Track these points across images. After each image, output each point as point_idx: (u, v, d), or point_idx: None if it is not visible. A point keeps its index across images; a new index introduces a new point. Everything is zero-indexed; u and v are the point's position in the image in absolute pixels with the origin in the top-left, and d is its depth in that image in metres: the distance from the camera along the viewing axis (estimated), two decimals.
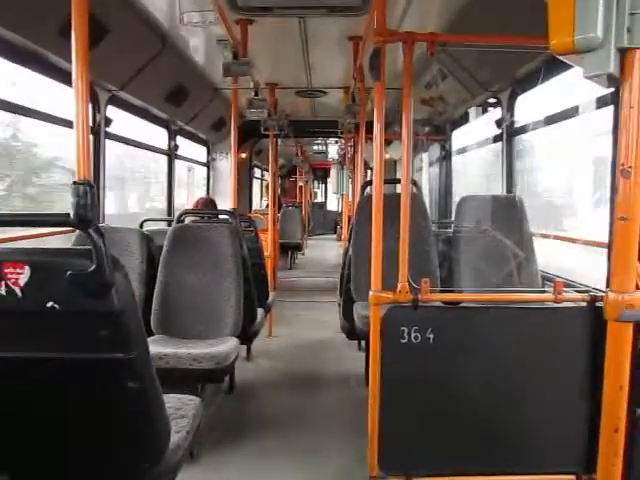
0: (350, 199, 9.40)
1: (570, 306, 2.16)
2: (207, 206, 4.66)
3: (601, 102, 2.69)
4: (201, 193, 7.35)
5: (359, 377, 4.06)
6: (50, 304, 1.31)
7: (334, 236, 16.96)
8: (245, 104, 4.73)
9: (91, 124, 3.87)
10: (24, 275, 1.31)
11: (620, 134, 1.36)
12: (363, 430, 2.35)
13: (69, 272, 1.30)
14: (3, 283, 1.31)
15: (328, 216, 19.56)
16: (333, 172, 10.93)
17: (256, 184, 11.84)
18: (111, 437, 1.53)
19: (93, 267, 1.30)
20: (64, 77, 3.26)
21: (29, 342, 1.38)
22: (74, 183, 1.34)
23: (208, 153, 7.44)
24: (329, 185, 18.29)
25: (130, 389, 1.40)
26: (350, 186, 9.34)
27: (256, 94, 4.76)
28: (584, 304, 2.11)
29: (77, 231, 3.22)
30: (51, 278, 1.31)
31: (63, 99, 3.46)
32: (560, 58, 1.22)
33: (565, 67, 2.91)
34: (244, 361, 4.40)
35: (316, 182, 21.17)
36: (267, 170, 12.25)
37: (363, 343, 4.44)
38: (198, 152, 7.32)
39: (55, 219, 1.40)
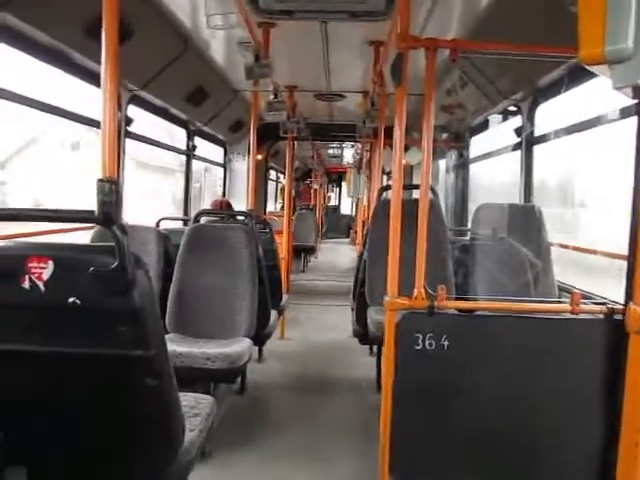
0: (365, 203, 9.39)
1: (587, 318, 2.14)
2: (223, 208, 4.68)
3: (625, 113, 2.67)
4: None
5: (370, 382, 4.05)
6: (72, 299, 1.33)
7: (347, 240, 16.95)
8: (264, 106, 4.75)
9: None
10: (48, 270, 1.33)
11: None
12: (373, 435, 2.35)
13: (92, 268, 1.31)
14: (27, 277, 1.33)
15: (341, 220, 19.56)
16: (349, 176, 10.93)
17: (271, 186, 11.88)
18: (127, 434, 1.55)
19: (116, 264, 1.31)
20: (90, 77, 3.31)
21: (50, 337, 1.40)
22: (99, 181, 1.36)
23: (225, 154, 7.49)
24: (344, 189, 18.31)
25: (148, 386, 1.41)
26: (365, 190, 9.32)
27: (275, 96, 4.78)
28: (602, 316, 2.09)
29: (96, 227, 3.26)
30: (74, 274, 1.33)
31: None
32: (587, 68, 1.21)
33: (588, 76, 2.89)
34: (256, 362, 4.41)
35: (330, 186, 21.19)
36: (282, 172, 12.29)
37: (375, 348, 4.43)
38: (216, 153, 7.37)
39: (80, 215, 1.42)
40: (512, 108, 4.30)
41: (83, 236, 3.45)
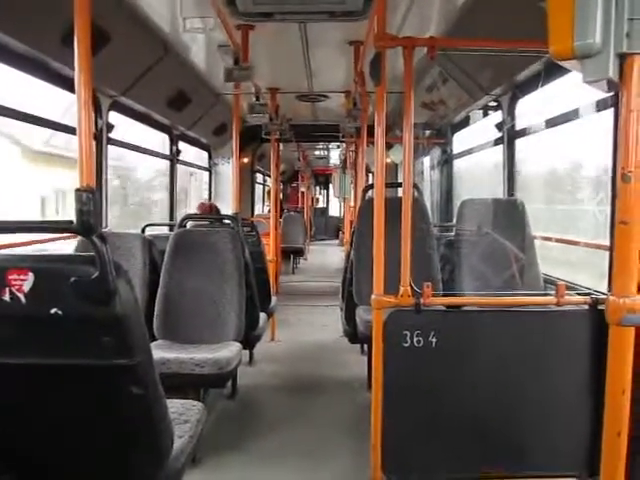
0: (352, 203, 9.42)
1: (572, 309, 2.17)
2: (209, 211, 4.67)
3: (601, 105, 2.70)
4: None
5: (362, 381, 4.06)
6: (54, 310, 1.32)
7: (336, 241, 16.98)
8: (246, 109, 4.75)
9: (93, 130, 3.88)
10: (28, 281, 1.31)
11: (620, 138, 1.37)
12: (365, 434, 2.35)
13: (73, 279, 1.30)
14: (7, 290, 1.31)
15: (330, 222, 19.59)
16: (335, 176, 10.96)
17: (258, 189, 11.86)
18: (114, 443, 1.54)
19: (96, 274, 1.30)
20: (66, 84, 3.29)
21: (33, 348, 1.38)
22: (77, 190, 1.35)
23: (210, 158, 7.46)
24: (331, 189, 18.34)
25: (133, 395, 1.40)
26: (352, 190, 9.36)
27: (257, 99, 4.77)
28: (586, 307, 2.12)
29: (79, 237, 3.23)
30: (55, 285, 1.31)
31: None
32: (560, 63, 1.22)
33: (565, 70, 2.92)
34: (246, 366, 4.39)
35: (318, 188, 21.19)
36: (269, 175, 12.29)
37: (366, 347, 4.44)
38: (200, 157, 7.34)
39: (59, 226, 1.41)
40: (492, 103, 4.33)
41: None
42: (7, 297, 1.32)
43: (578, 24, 1.06)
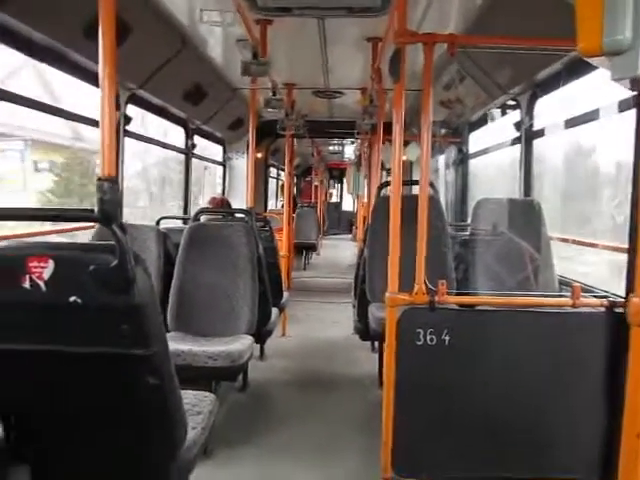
0: (365, 200, 9.39)
1: (589, 311, 2.14)
2: (221, 206, 4.68)
3: (623, 105, 2.66)
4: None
5: (372, 378, 4.05)
6: (73, 298, 1.33)
7: (349, 236, 16.95)
8: (262, 104, 4.75)
9: None
10: (48, 269, 1.33)
11: None
12: (376, 431, 2.35)
13: (92, 267, 1.31)
14: (27, 277, 1.33)
15: (343, 216, 19.54)
16: (349, 172, 10.92)
17: (272, 183, 11.85)
18: (129, 432, 1.55)
19: (116, 262, 1.31)
20: (88, 77, 3.31)
21: (51, 336, 1.40)
22: (99, 179, 1.36)
23: (224, 152, 7.48)
24: (344, 185, 18.30)
25: (149, 385, 1.41)
26: (365, 187, 9.33)
27: (274, 94, 4.77)
28: (603, 309, 2.09)
29: (96, 226, 3.26)
30: (74, 272, 1.33)
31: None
32: (586, 60, 1.20)
33: (588, 69, 2.88)
34: (257, 360, 4.41)
35: (332, 182, 21.15)
36: (283, 170, 12.30)
37: (377, 344, 4.43)
38: (214, 151, 7.36)
39: (80, 215, 1.42)
40: (511, 102, 4.29)
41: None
42: (27, 284, 1.33)
43: (608, 20, 1.04)
